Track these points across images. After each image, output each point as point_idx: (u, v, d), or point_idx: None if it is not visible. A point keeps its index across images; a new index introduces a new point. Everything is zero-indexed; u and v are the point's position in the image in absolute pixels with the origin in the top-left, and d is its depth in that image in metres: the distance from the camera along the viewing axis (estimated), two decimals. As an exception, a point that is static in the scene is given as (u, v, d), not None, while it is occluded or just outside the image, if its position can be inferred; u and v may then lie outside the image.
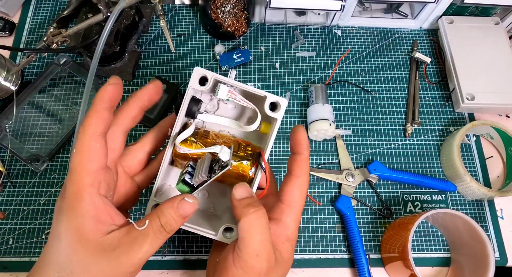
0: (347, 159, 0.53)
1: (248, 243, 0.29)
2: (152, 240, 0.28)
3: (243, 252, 0.30)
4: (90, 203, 0.27)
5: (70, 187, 0.27)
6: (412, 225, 0.43)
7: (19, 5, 0.60)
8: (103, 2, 0.46)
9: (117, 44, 0.53)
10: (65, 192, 0.28)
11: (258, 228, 0.30)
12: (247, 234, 0.30)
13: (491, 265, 0.42)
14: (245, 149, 0.35)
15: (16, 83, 0.52)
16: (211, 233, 0.33)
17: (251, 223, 0.30)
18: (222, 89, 0.33)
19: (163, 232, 0.29)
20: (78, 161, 0.28)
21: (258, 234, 0.30)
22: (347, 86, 0.58)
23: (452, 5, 0.58)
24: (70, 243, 0.27)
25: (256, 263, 0.29)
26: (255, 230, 0.30)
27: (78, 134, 0.28)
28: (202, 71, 0.33)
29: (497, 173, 0.55)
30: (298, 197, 0.33)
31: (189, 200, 0.29)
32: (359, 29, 0.62)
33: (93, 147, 0.28)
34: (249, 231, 0.30)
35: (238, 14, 0.57)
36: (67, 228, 0.27)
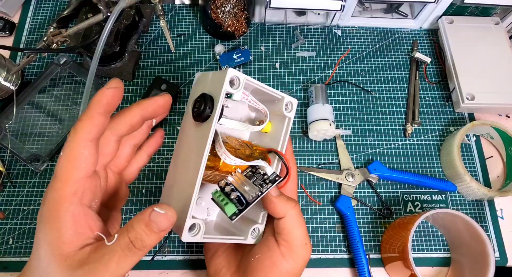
0: (347, 159, 0.53)
1: (298, 235, 0.33)
2: (120, 259, 0.24)
3: (294, 244, 0.33)
4: (69, 214, 0.25)
5: (51, 194, 0.25)
6: (412, 225, 0.43)
7: (19, 5, 0.60)
8: (103, 2, 0.46)
9: (117, 44, 0.53)
10: (46, 199, 0.26)
11: (302, 220, 0.34)
12: (295, 227, 0.33)
13: (491, 265, 0.42)
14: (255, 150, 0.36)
15: (16, 83, 0.52)
16: (240, 238, 0.34)
17: (296, 216, 0.33)
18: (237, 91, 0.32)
19: (132, 249, 0.25)
20: (63, 167, 0.26)
21: (302, 226, 0.34)
22: (347, 86, 0.58)
23: (452, 5, 0.58)
24: (46, 254, 0.25)
25: (305, 251, 0.33)
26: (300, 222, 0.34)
27: (69, 137, 0.26)
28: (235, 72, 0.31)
29: (497, 173, 0.55)
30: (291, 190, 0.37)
31: (160, 211, 0.26)
32: (359, 29, 0.62)
33: (81, 154, 0.26)
34: (296, 224, 0.33)
35: (238, 14, 0.57)
36: (45, 238, 0.25)
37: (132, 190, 0.50)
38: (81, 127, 0.26)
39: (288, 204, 0.33)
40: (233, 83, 0.32)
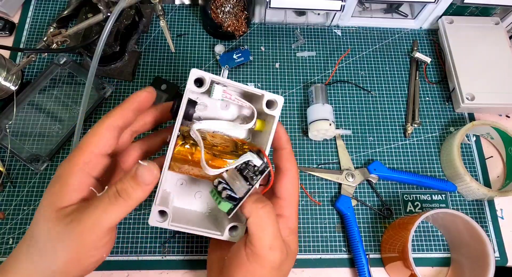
0: (347, 159, 0.53)
1: (261, 237, 0.31)
2: (106, 207, 0.28)
3: (257, 247, 0.31)
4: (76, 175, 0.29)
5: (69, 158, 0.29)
6: (412, 225, 0.43)
7: (19, 5, 0.60)
8: (103, 2, 0.46)
9: (117, 44, 0.53)
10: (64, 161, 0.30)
11: (269, 222, 0.31)
12: (259, 228, 0.31)
13: (491, 265, 0.42)
14: (242, 148, 0.35)
15: (16, 83, 0.52)
16: (216, 233, 0.34)
17: (262, 218, 0.31)
18: (217, 90, 0.33)
19: (118, 198, 0.28)
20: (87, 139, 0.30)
21: (270, 228, 0.31)
22: (347, 86, 0.58)
23: (452, 5, 0.58)
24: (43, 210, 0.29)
25: (271, 255, 0.31)
26: (266, 224, 0.31)
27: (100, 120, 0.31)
28: (198, 72, 0.32)
29: (497, 173, 0.55)
30: (292, 190, 0.35)
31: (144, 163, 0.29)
32: (359, 29, 0.62)
33: (104, 134, 0.30)
34: (261, 226, 0.31)
35: (238, 14, 0.57)
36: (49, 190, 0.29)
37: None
38: (112, 115, 0.31)
39: (255, 204, 0.31)
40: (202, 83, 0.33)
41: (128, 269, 0.47)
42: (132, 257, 0.47)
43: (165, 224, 0.33)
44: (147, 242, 0.48)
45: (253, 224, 0.31)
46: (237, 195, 0.32)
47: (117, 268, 0.47)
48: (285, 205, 0.34)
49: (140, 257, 0.47)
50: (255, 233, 0.31)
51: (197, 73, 0.32)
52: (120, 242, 0.48)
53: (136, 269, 0.47)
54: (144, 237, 0.48)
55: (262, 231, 0.31)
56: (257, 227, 0.31)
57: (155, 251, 0.48)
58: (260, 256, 0.30)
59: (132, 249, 0.47)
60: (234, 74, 0.58)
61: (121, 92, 0.55)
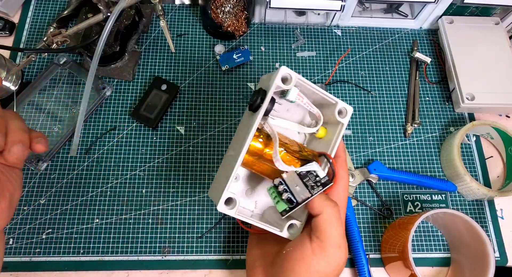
0: (347, 159, 0.53)
1: (331, 234, 0.32)
2: None
3: (325, 243, 0.32)
4: None
5: None
6: (412, 225, 0.43)
7: (19, 5, 0.60)
8: (103, 2, 0.47)
9: (117, 44, 0.53)
10: None
11: (339, 221, 0.33)
12: (330, 226, 0.32)
13: (491, 265, 0.42)
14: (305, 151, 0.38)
15: (16, 83, 0.52)
16: (276, 229, 0.35)
17: (333, 216, 0.33)
18: (293, 92, 0.35)
19: None
20: None
21: (340, 227, 0.33)
22: (347, 86, 0.58)
23: (452, 5, 0.58)
24: None
25: (339, 254, 0.32)
26: (337, 222, 0.33)
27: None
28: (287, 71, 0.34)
29: (497, 173, 0.55)
30: (342, 196, 0.37)
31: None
32: (359, 29, 0.62)
33: None
34: (331, 224, 0.32)
35: (238, 14, 0.57)
36: None
37: (132, 190, 0.50)
38: None
39: (326, 202, 0.33)
40: (286, 80, 0.34)
41: (128, 269, 0.47)
42: (132, 257, 0.47)
43: (232, 212, 0.34)
44: (147, 242, 0.48)
45: (324, 220, 0.32)
46: (297, 199, 0.34)
47: (117, 268, 0.47)
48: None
49: (140, 257, 0.47)
50: (326, 230, 0.32)
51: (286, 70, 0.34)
52: (120, 242, 0.48)
53: (136, 269, 0.47)
54: (144, 237, 0.48)
55: (333, 228, 0.32)
56: (328, 224, 0.32)
57: (155, 251, 0.48)
58: (328, 252, 0.32)
59: (132, 249, 0.47)
60: (234, 74, 0.58)
61: (121, 92, 0.55)
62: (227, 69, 0.57)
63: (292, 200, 0.34)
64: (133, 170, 0.51)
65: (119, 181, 0.51)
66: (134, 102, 0.55)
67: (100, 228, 0.48)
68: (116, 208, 0.49)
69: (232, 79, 0.57)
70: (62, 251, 0.47)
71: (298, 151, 0.37)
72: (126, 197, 0.50)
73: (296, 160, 0.36)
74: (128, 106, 0.55)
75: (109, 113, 0.54)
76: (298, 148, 0.37)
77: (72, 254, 0.47)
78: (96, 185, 0.50)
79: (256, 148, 0.35)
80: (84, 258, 0.47)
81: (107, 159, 0.52)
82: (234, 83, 0.57)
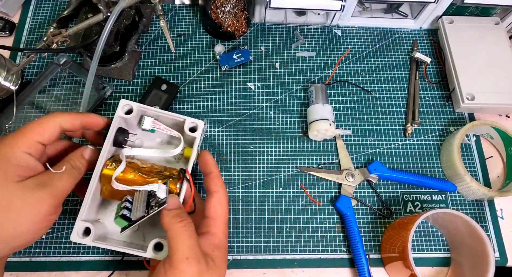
0: (347, 159, 0.53)
1: (178, 249, 0.32)
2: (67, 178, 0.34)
3: (173, 259, 0.31)
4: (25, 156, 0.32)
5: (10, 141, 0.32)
6: (412, 225, 0.43)
7: (19, 5, 0.60)
8: (103, 2, 0.47)
9: (117, 44, 0.53)
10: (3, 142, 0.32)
11: (186, 235, 0.32)
12: (176, 241, 0.32)
13: (491, 265, 0.42)
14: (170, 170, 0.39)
15: (16, 83, 0.52)
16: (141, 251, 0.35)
17: (178, 231, 0.32)
18: (147, 121, 0.37)
19: (74, 172, 0.35)
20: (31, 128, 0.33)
21: (186, 240, 0.32)
22: (347, 86, 0.58)
23: (452, 5, 0.58)
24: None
25: (187, 266, 0.31)
26: (182, 237, 0.32)
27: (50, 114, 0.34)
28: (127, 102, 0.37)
29: (497, 173, 0.55)
30: (219, 210, 0.37)
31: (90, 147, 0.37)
32: (359, 29, 0.62)
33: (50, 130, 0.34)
34: (177, 239, 0.32)
35: (238, 14, 0.57)
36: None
37: (132, 190, 0.50)
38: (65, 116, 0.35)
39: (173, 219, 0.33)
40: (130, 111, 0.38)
41: (128, 269, 0.47)
42: (132, 257, 0.47)
43: (87, 240, 0.35)
44: (147, 242, 0.48)
45: (170, 238, 0.32)
46: (132, 217, 0.34)
47: (117, 268, 0.47)
48: (212, 223, 0.36)
49: (140, 257, 0.47)
50: (172, 246, 0.32)
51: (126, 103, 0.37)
52: (120, 242, 0.48)
53: (136, 269, 0.47)
54: (144, 237, 0.48)
55: (178, 243, 0.32)
56: (174, 240, 0.32)
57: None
58: (176, 268, 0.31)
59: (132, 249, 0.47)
60: (234, 74, 0.58)
61: (121, 92, 0.55)
62: (227, 69, 0.57)
63: (127, 217, 0.34)
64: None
65: (119, 181, 0.51)
66: (134, 102, 0.55)
67: (100, 228, 0.48)
68: (116, 208, 0.49)
69: (232, 79, 0.57)
70: (62, 251, 0.47)
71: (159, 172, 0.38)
72: (126, 197, 0.50)
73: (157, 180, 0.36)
74: (128, 106, 0.55)
75: (109, 113, 0.54)
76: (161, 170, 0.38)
77: (72, 254, 0.47)
78: (96, 185, 0.50)
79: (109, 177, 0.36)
80: (84, 258, 0.47)
81: (107, 159, 0.52)
82: (234, 83, 0.57)
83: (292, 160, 0.53)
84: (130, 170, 0.37)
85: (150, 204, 0.35)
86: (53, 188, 0.32)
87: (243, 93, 0.57)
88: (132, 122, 0.39)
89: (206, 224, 0.36)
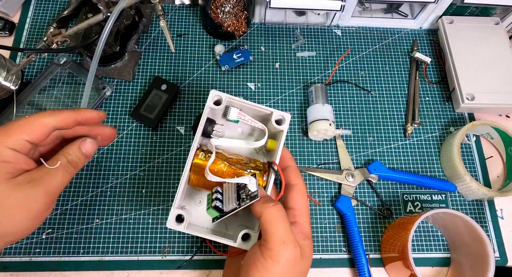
0: (347, 159, 0.53)
1: (273, 232, 0.32)
2: (62, 173, 0.33)
3: (269, 242, 0.32)
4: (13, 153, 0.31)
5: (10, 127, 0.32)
6: (412, 225, 0.43)
7: (19, 5, 0.60)
8: (103, 2, 0.46)
9: (117, 44, 0.53)
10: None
11: (280, 218, 0.33)
12: (271, 225, 0.32)
13: (491, 265, 0.42)
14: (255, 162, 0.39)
15: (16, 83, 0.52)
16: (230, 241, 0.36)
17: (272, 215, 0.33)
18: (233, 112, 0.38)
19: (70, 167, 0.34)
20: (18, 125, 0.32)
21: (281, 223, 0.33)
22: (347, 86, 0.58)
23: (452, 5, 0.58)
24: None
25: (285, 249, 0.32)
26: (277, 220, 0.33)
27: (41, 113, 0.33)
28: (217, 93, 0.37)
29: (497, 173, 0.55)
30: (302, 200, 0.38)
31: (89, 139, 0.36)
32: (359, 29, 0.62)
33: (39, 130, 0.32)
34: (272, 222, 0.33)
35: (238, 14, 0.57)
36: None
37: (132, 190, 0.50)
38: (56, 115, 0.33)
39: (264, 204, 0.34)
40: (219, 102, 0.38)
41: (128, 269, 0.47)
42: (132, 257, 0.47)
43: (181, 227, 0.36)
44: (147, 242, 0.48)
45: (264, 221, 0.33)
46: (224, 209, 0.35)
47: (117, 268, 0.47)
48: (297, 213, 0.37)
49: (140, 257, 0.47)
50: (268, 229, 0.32)
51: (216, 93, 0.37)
52: (120, 242, 0.48)
53: (136, 269, 0.47)
54: (144, 237, 0.48)
55: (274, 226, 0.32)
56: (269, 224, 0.32)
57: (155, 251, 0.48)
58: (274, 250, 0.32)
59: (132, 249, 0.47)
60: (234, 74, 0.58)
61: (121, 92, 0.55)
62: (227, 69, 0.57)
63: (220, 208, 0.35)
64: (133, 170, 0.51)
65: (119, 181, 0.51)
66: (134, 102, 0.55)
67: (100, 228, 0.48)
68: (116, 208, 0.49)
69: (232, 79, 0.57)
70: (62, 251, 0.47)
71: (245, 163, 0.38)
72: (126, 197, 0.50)
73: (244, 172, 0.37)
74: (128, 106, 0.55)
75: (109, 113, 0.54)
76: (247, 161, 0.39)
77: (72, 254, 0.47)
78: (96, 185, 0.50)
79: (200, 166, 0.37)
80: (84, 258, 0.47)
81: (107, 159, 0.52)
82: (234, 83, 0.57)
83: (292, 160, 0.53)
84: (220, 160, 0.37)
85: (241, 196, 0.35)
86: (46, 185, 0.32)
87: (243, 93, 0.57)
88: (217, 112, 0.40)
89: (292, 214, 0.37)
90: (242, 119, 0.38)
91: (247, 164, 0.38)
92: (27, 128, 0.32)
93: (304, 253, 0.34)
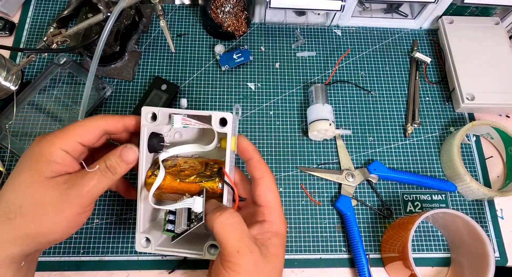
0: (347, 159, 0.53)
1: (226, 243, 0.31)
2: (99, 177, 0.33)
3: (226, 255, 0.31)
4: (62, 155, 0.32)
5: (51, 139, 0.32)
6: (412, 225, 0.43)
7: (19, 5, 0.60)
8: (103, 2, 0.47)
9: (117, 44, 0.53)
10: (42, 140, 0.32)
11: (230, 226, 0.31)
12: (222, 236, 0.31)
13: (491, 265, 0.42)
14: (212, 167, 0.37)
15: (16, 83, 0.52)
16: (199, 253, 0.35)
17: (222, 224, 0.31)
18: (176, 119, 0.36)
19: (108, 172, 0.33)
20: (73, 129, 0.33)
21: (231, 232, 0.31)
22: (347, 86, 0.58)
23: (452, 5, 0.58)
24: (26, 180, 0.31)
25: (240, 259, 0.30)
26: (228, 229, 0.31)
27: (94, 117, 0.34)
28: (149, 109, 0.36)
29: (497, 173, 0.55)
30: (270, 195, 0.35)
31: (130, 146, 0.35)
32: (359, 29, 0.62)
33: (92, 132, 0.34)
34: (222, 233, 0.31)
35: (238, 14, 0.57)
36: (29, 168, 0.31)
37: (132, 190, 0.50)
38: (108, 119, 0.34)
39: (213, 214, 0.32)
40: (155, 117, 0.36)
41: (128, 269, 0.47)
42: (132, 257, 0.47)
43: (149, 249, 0.36)
44: (147, 242, 0.48)
45: (216, 233, 0.31)
46: (176, 231, 0.35)
47: (117, 268, 0.47)
48: (266, 211, 0.35)
49: (140, 257, 0.47)
50: (221, 241, 0.31)
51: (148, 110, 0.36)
52: (120, 242, 0.48)
53: (136, 269, 0.47)
54: (144, 237, 0.48)
55: (224, 237, 0.31)
56: (220, 235, 0.31)
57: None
58: (231, 262, 0.30)
59: (132, 249, 0.47)
60: (234, 74, 0.58)
61: (121, 92, 0.55)
62: (227, 69, 0.57)
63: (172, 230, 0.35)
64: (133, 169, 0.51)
65: (119, 181, 0.51)
66: (134, 102, 0.55)
67: (100, 228, 0.48)
68: (116, 208, 0.49)
69: (232, 79, 0.57)
70: (62, 251, 0.47)
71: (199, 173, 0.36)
72: (126, 197, 0.50)
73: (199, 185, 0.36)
74: (128, 106, 0.55)
75: (109, 113, 0.54)
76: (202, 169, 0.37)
77: (72, 254, 0.47)
78: (96, 185, 0.50)
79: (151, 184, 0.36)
80: (84, 258, 0.47)
81: (107, 159, 0.52)
82: (234, 83, 0.57)
83: (292, 160, 0.53)
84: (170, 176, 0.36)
85: (191, 217, 0.34)
86: (82, 187, 0.32)
87: (243, 93, 0.57)
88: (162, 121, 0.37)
89: (261, 212, 0.35)
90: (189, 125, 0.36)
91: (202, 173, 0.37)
92: (80, 130, 0.33)
93: (269, 253, 0.32)
